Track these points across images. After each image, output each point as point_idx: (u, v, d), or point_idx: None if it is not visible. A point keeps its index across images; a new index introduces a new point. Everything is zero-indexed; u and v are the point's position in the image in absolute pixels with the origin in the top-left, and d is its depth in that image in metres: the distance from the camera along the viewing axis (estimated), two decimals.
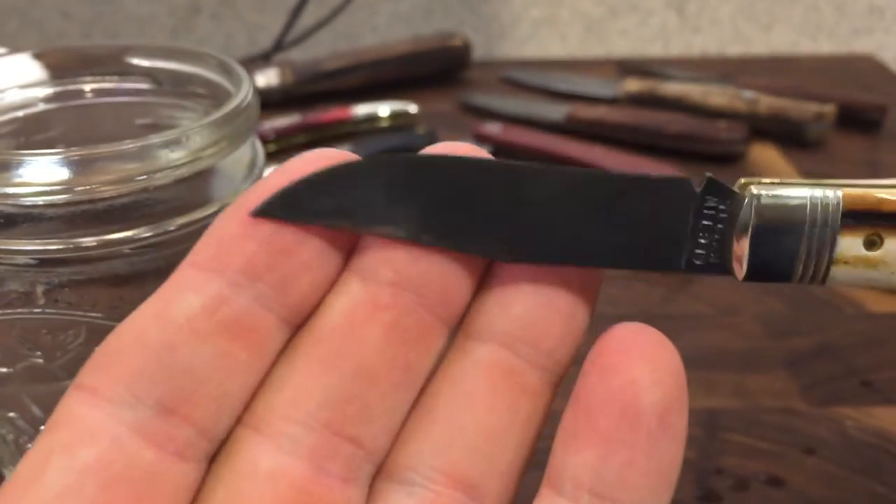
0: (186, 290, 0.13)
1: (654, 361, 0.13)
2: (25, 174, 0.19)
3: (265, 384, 0.13)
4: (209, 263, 0.13)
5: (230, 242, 0.13)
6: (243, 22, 0.82)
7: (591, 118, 0.53)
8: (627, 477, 0.13)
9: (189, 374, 0.13)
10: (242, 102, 0.22)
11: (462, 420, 0.14)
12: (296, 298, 0.13)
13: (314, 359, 0.13)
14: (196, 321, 0.13)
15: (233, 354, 0.13)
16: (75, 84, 0.25)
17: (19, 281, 0.21)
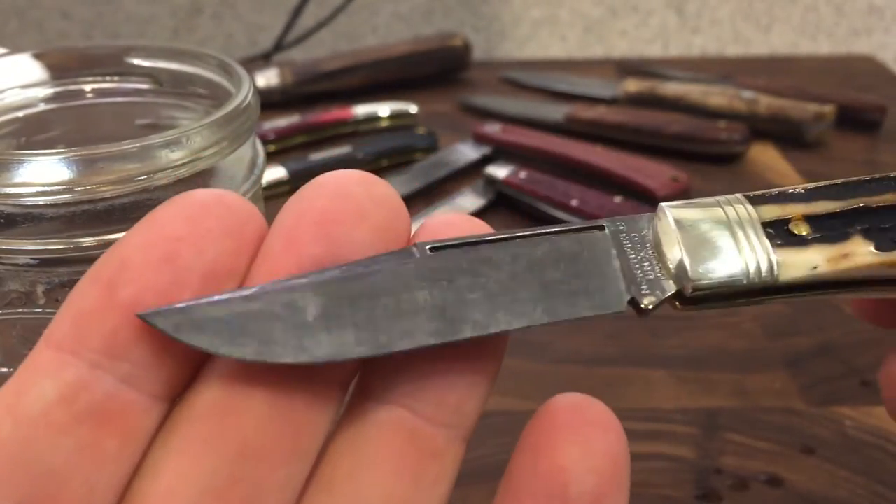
0: (41, 376, 0.12)
1: (589, 444, 0.12)
2: (26, 174, 0.19)
3: (140, 471, 0.12)
4: (65, 343, 0.12)
5: (88, 317, 0.12)
6: (244, 22, 0.82)
7: (590, 118, 0.53)
8: None
9: (51, 473, 0.11)
10: (243, 103, 0.22)
11: (366, 491, 0.12)
12: (169, 372, 0.12)
13: (192, 438, 0.12)
14: (53, 413, 0.11)
15: (99, 445, 0.11)
16: (76, 84, 0.25)
17: (20, 281, 0.21)
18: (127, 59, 0.25)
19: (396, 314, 0.13)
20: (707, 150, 0.51)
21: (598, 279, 0.14)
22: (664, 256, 0.14)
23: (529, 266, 0.14)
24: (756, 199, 0.15)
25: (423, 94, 0.60)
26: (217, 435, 0.12)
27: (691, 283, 0.14)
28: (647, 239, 0.14)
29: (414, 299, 0.13)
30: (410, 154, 0.51)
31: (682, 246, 0.14)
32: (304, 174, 0.48)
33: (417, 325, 0.13)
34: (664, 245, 0.14)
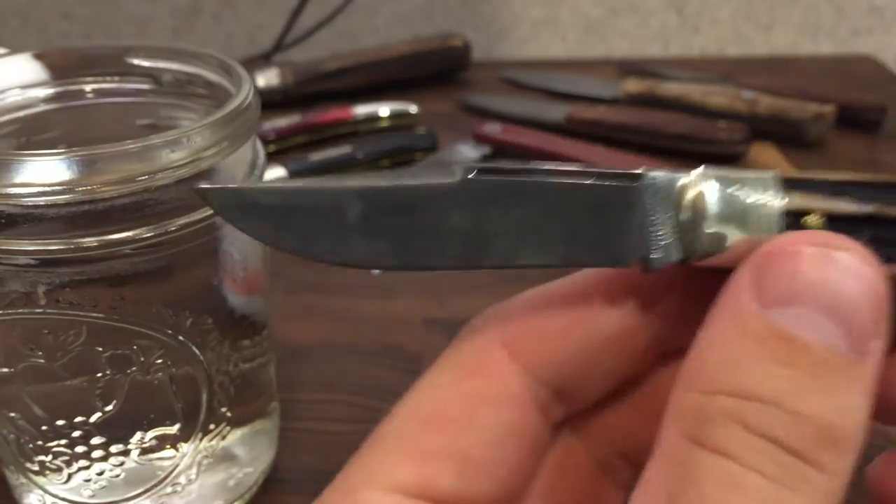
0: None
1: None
2: (26, 174, 0.19)
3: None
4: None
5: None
6: (244, 22, 0.82)
7: (590, 118, 0.53)
8: None
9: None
10: (243, 103, 0.22)
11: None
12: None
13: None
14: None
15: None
16: (76, 84, 0.25)
17: (20, 281, 0.21)
18: (127, 60, 0.25)
19: (428, 232, 0.13)
20: (707, 150, 0.51)
21: (617, 231, 0.14)
22: (682, 222, 0.14)
23: (560, 207, 0.14)
24: (790, 183, 0.14)
25: (424, 94, 0.60)
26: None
27: (696, 258, 0.14)
28: (673, 199, 0.14)
29: (447, 220, 0.13)
30: (410, 154, 0.51)
31: (700, 218, 0.14)
32: (304, 174, 0.48)
33: (445, 246, 0.13)
34: (686, 212, 0.14)
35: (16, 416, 0.23)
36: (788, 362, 0.12)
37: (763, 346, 0.12)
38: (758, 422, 0.12)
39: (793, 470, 0.11)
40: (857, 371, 0.12)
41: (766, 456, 0.11)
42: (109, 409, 0.23)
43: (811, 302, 0.12)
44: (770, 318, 0.12)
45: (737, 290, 0.12)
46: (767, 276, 0.12)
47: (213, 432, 0.25)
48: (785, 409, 0.12)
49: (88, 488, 0.24)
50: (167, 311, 0.22)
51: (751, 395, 0.12)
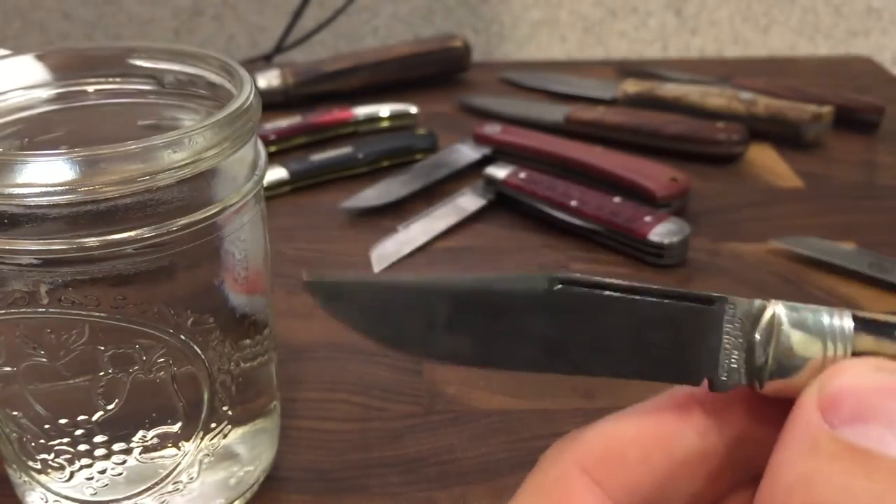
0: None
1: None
2: (29, 175, 0.19)
3: None
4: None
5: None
6: (245, 24, 0.82)
7: (589, 119, 0.54)
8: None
9: None
10: (244, 104, 0.22)
11: None
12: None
13: None
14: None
15: None
16: (78, 85, 0.25)
17: (23, 281, 0.21)
18: (129, 61, 0.26)
19: (510, 335, 0.14)
20: (705, 151, 0.51)
21: (688, 352, 0.15)
22: (751, 352, 0.15)
23: (639, 323, 0.14)
24: (863, 323, 0.14)
25: (424, 94, 0.60)
26: None
27: (761, 388, 0.14)
28: (745, 329, 0.15)
29: (528, 326, 0.14)
30: (411, 154, 0.51)
31: (769, 350, 0.14)
32: (304, 175, 0.48)
33: (524, 351, 0.14)
34: (756, 342, 0.15)
35: (18, 414, 0.23)
36: (865, 475, 0.12)
37: (836, 460, 0.12)
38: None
39: None
40: None
41: None
42: (111, 407, 0.23)
43: (882, 420, 0.12)
44: (841, 435, 0.12)
45: (804, 410, 0.13)
46: (834, 396, 0.13)
47: (214, 431, 0.25)
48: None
49: (90, 486, 0.24)
50: (169, 311, 0.22)
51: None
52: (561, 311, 0.14)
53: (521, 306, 0.14)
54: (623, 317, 0.14)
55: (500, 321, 0.14)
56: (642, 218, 0.41)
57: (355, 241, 0.43)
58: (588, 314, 0.14)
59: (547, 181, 0.45)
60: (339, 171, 0.49)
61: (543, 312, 0.14)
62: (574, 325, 0.14)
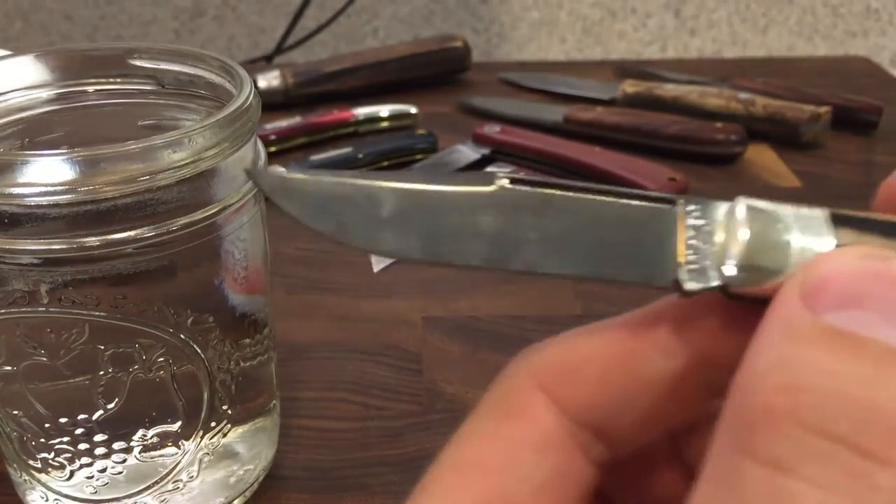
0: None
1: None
2: (29, 175, 0.19)
3: None
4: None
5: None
6: (245, 24, 0.82)
7: (588, 119, 0.54)
8: None
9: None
10: (244, 104, 0.22)
11: None
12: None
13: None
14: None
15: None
16: (79, 85, 0.26)
17: (23, 280, 0.21)
18: (130, 61, 0.26)
19: (459, 233, 0.14)
20: (704, 151, 0.51)
21: (652, 251, 0.14)
22: (721, 251, 0.14)
23: (593, 221, 0.14)
24: (839, 220, 0.14)
25: (423, 95, 0.60)
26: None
27: (732, 288, 0.14)
28: (713, 228, 0.14)
29: (477, 223, 0.14)
30: (411, 155, 0.51)
31: (739, 249, 0.14)
32: None
33: (473, 247, 0.14)
34: (725, 241, 0.14)
35: (19, 413, 0.23)
36: (850, 355, 0.10)
37: (819, 344, 0.11)
38: (818, 419, 0.10)
39: (860, 475, 0.10)
40: None
41: (827, 461, 0.10)
42: (111, 406, 0.23)
43: (867, 305, 0.11)
44: (823, 321, 0.11)
45: (784, 298, 0.11)
46: (817, 284, 0.11)
47: (214, 430, 0.25)
48: (849, 400, 0.10)
49: (91, 485, 0.24)
50: (169, 310, 0.22)
51: (807, 387, 0.10)
52: (509, 209, 0.14)
53: (469, 205, 0.14)
54: (574, 215, 0.14)
55: (447, 218, 0.14)
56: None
57: None
58: (537, 212, 0.14)
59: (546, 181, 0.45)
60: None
61: (491, 210, 0.14)
62: (524, 222, 0.14)
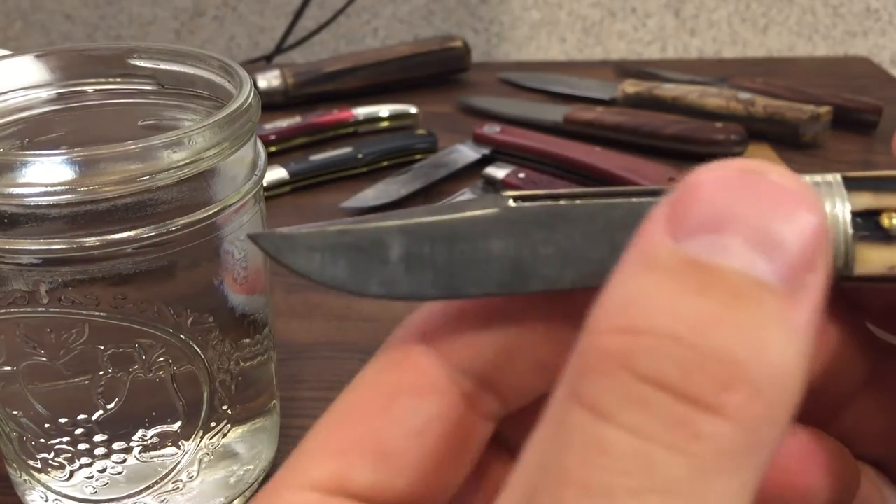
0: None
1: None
2: (29, 175, 0.19)
3: None
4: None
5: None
6: (245, 24, 0.82)
7: (588, 119, 0.54)
8: None
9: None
10: (244, 104, 0.22)
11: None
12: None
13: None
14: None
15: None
16: (79, 85, 0.26)
17: (23, 280, 0.21)
18: (129, 61, 0.26)
19: (471, 261, 0.13)
20: (704, 151, 0.51)
21: None
22: None
23: (604, 226, 0.14)
24: (853, 182, 0.13)
25: (423, 95, 0.60)
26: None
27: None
28: None
29: (489, 248, 0.13)
30: (410, 155, 0.51)
31: None
32: (304, 175, 0.49)
33: (489, 273, 0.13)
34: None
35: (18, 413, 0.23)
36: (698, 292, 0.09)
37: (671, 277, 0.10)
38: (646, 363, 0.09)
39: (682, 423, 0.09)
40: (784, 307, 0.10)
41: (647, 408, 0.09)
42: (111, 406, 0.23)
43: (732, 227, 0.10)
44: (682, 248, 0.10)
45: (647, 224, 0.10)
46: (683, 205, 0.10)
47: (214, 430, 0.25)
48: (682, 344, 0.09)
49: (90, 485, 0.24)
50: (168, 310, 0.22)
51: (643, 330, 0.10)
52: (518, 227, 0.13)
53: (477, 231, 0.13)
54: (585, 223, 0.13)
55: (457, 247, 0.13)
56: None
57: None
58: (547, 226, 0.13)
59: (546, 181, 0.45)
60: (338, 171, 0.49)
61: (500, 232, 0.13)
62: (535, 239, 0.13)
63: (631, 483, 0.09)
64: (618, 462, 0.09)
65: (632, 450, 0.09)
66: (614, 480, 0.09)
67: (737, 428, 0.09)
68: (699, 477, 0.09)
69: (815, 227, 0.10)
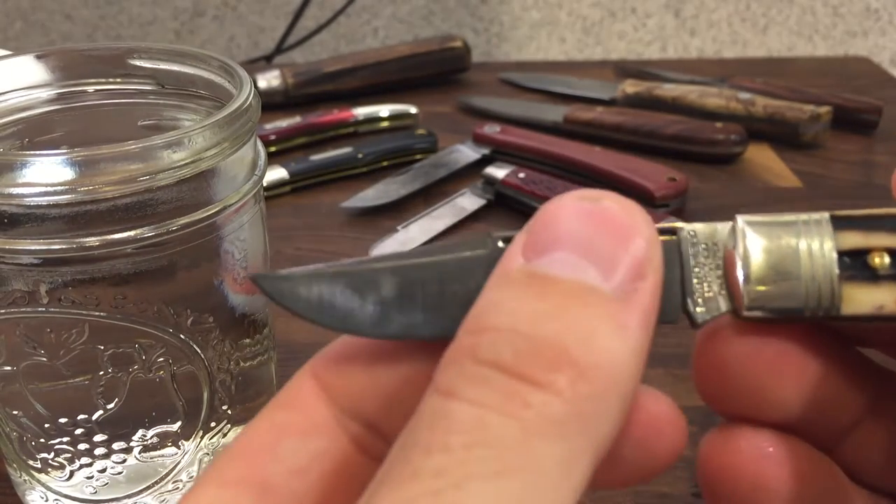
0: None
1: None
2: (29, 175, 0.19)
3: None
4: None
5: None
6: (245, 25, 0.82)
7: (588, 119, 0.54)
8: None
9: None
10: (244, 104, 0.22)
11: None
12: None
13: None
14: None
15: None
16: (79, 86, 0.26)
17: (23, 280, 0.21)
18: (129, 61, 0.26)
19: (462, 301, 0.13)
20: (704, 151, 0.51)
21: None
22: (727, 273, 0.14)
23: None
24: (841, 221, 0.13)
25: (423, 95, 0.60)
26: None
27: (745, 310, 0.14)
28: (716, 251, 0.14)
29: (479, 288, 0.13)
30: (410, 155, 0.51)
31: (745, 267, 0.13)
32: (304, 175, 0.49)
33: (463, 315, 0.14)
34: (729, 262, 0.14)
35: (18, 413, 0.23)
36: (538, 297, 0.11)
37: (517, 287, 0.12)
38: (487, 351, 0.11)
39: (513, 395, 0.11)
40: (613, 308, 0.11)
41: (486, 384, 0.11)
42: (111, 406, 0.23)
43: (569, 246, 0.12)
44: (529, 265, 0.12)
45: (507, 251, 0.13)
46: (533, 231, 0.12)
47: (214, 430, 0.25)
48: (519, 334, 0.11)
49: (90, 485, 0.24)
50: (168, 310, 0.22)
51: (491, 326, 0.11)
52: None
53: (468, 271, 0.14)
54: None
55: (449, 287, 0.14)
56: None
57: (355, 241, 0.43)
58: None
59: (546, 181, 0.45)
60: (338, 171, 0.49)
61: (490, 271, 0.14)
62: None
63: (466, 439, 0.10)
64: (457, 425, 0.11)
65: (470, 416, 0.11)
66: (452, 439, 0.10)
67: (562, 401, 0.11)
68: (526, 438, 0.10)
69: (640, 242, 0.12)
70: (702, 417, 0.31)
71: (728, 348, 0.14)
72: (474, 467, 0.10)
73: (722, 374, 0.14)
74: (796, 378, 0.14)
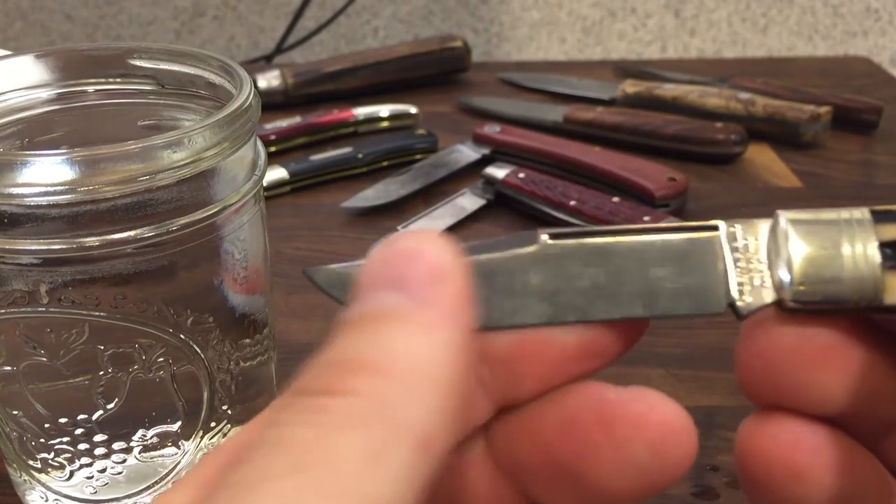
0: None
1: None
2: (29, 175, 0.19)
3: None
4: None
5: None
6: (245, 24, 0.82)
7: (588, 119, 0.54)
8: None
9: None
10: (244, 104, 0.22)
11: None
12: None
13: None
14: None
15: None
16: (79, 86, 0.26)
17: (23, 280, 0.21)
18: (129, 61, 0.26)
19: (509, 293, 0.14)
20: (704, 151, 0.51)
21: (701, 279, 0.14)
22: (771, 265, 0.14)
23: (639, 261, 0.14)
24: (880, 215, 0.14)
25: (423, 95, 0.60)
26: None
27: (791, 299, 0.14)
28: (759, 245, 0.14)
29: (527, 281, 0.14)
30: (410, 155, 0.51)
31: (789, 259, 0.14)
32: (304, 175, 0.49)
33: (526, 305, 0.14)
34: (773, 254, 0.14)
35: (18, 413, 0.23)
36: (351, 331, 0.13)
37: (343, 328, 0.13)
38: (301, 383, 0.12)
39: (311, 408, 0.12)
40: (413, 313, 0.12)
41: (289, 408, 0.12)
42: (111, 406, 0.23)
43: (371, 286, 0.13)
44: (355, 308, 0.13)
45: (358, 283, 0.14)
46: (360, 279, 0.14)
47: (214, 430, 0.25)
48: (323, 362, 0.12)
49: (90, 485, 0.24)
50: (168, 310, 0.22)
51: (312, 363, 0.12)
52: (554, 264, 0.14)
53: (515, 267, 0.14)
54: (619, 259, 0.14)
55: (497, 283, 0.14)
56: (641, 218, 0.41)
57: (355, 241, 0.43)
58: (582, 262, 0.14)
59: (546, 181, 0.45)
60: (338, 171, 0.49)
61: (537, 268, 0.14)
62: (570, 274, 0.14)
63: (265, 451, 0.11)
64: (265, 447, 0.11)
65: (276, 436, 0.11)
66: (253, 454, 0.11)
67: (361, 399, 0.11)
68: (324, 436, 0.11)
69: (427, 256, 0.13)
70: (702, 417, 0.31)
71: (772, 340, 0.14)
72: (270, 469, 0.11)
73: (766, 366, 0.14)
74: (841, 371, 0.14)
